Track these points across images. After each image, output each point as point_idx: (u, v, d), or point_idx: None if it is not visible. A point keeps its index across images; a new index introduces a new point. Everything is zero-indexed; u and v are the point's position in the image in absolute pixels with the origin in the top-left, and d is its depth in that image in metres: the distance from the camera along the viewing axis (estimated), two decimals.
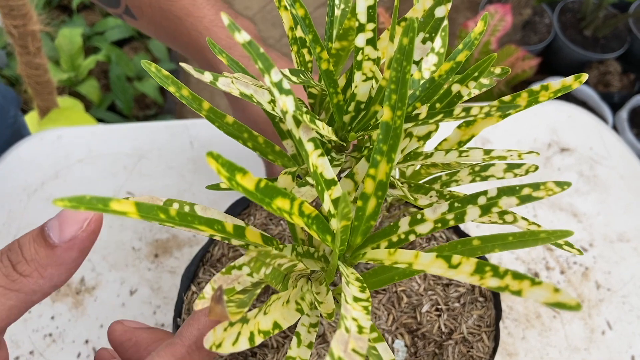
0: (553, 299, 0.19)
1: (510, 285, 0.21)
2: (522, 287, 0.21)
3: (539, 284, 0.20)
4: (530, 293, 0.20)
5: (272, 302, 0.26)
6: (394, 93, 0.25)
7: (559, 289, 0.20)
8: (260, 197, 0.23)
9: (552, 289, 0.20)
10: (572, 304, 0.19)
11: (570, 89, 0.33)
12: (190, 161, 0.78)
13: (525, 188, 0.26)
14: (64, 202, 0.21)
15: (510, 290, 0.21)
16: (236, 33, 0.22)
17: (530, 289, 0.20)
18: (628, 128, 1.79)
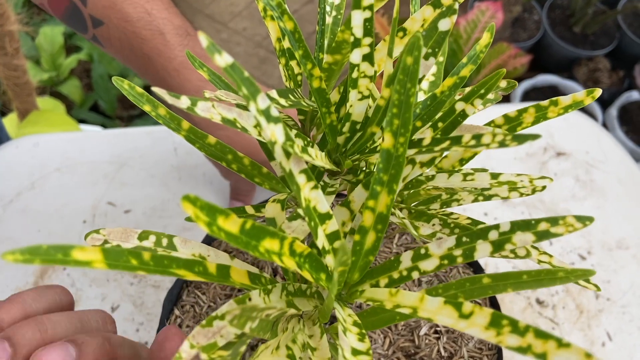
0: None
1: (533, 346, 0.18)
2: (547, 350, 0.18)
3: (566, 347, 0.17)
4: (557, 357, 0.18)
5: (259, 353, 0.23)
6: (396, 118, 0.23)
7: (591, 355, 0.17)
8: (245, 241, 0.20)
9: (584, 354, 0.17)
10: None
11: (582, 105, 0.30)
12: (174, 169, 0.75)
13: (542, 223, 0.23)
14: (15, 256, 0.18)
15: (533, 352, 0.18)
16: (216, 55, 0.19)
17: (556, 352, 0.18)
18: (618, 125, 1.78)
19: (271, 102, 0.20)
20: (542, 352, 0.18)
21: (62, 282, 0.66)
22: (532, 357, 0.18)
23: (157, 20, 0.55)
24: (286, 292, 0.26)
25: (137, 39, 0.55)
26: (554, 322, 0.66)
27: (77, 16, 0.57)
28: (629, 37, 1.89)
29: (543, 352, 0.18)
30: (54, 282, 0.66)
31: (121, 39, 0.56)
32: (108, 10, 0.55)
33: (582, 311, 0.66)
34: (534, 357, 0.18)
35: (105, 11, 0.55)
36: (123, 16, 0.55)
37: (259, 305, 0.20)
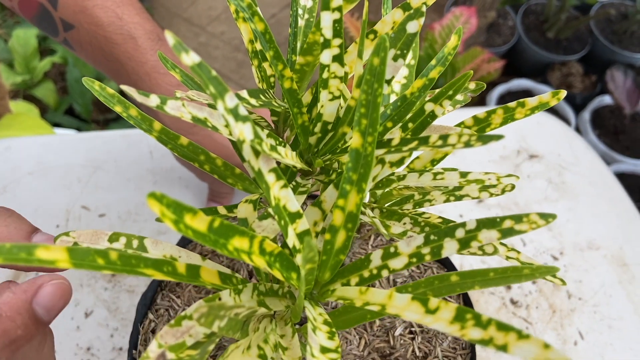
0: (542, 357, 0.17)
1: (494, 338, 0.19)
2: (508, 341, 0.18)
3: (526, 338, 0.18)
4: (517, 349, 0.18)
5: (229, 352, 0.23)
6: (364, 117, 0.23)
7: (549, 345, 0.17)
8: (214, 239, 0.20)
9: (542, 344, 0.17)
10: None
11: (548, 106, 0.31)
12: (149, 172, 0.74)
13: (506, 220, 0.23)
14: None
15: (494, 344, 0.18)
16: (183, 54, 0.19)
17: (516, 343, 0.18)
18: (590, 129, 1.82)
19: (240, 102, 0.21)
20: (503, 344, 0.18)
21: None
22: (494, 349, 0.18)
23: (128, 25, 0.54)
24: (257, 292, 0.26)
25: (108, 43, 0.54)
26: (528, 322, 0.67)
27: (47, 20, 0.56)
28: (601, 42, 1.93)
29: (504, 343, 0.18)
30: None
31: (92, 43, 0.56)
32: (79, 15, 0.55)
33: (554, 311, 0.68)
34: (495, 349, 0.18)
35: (76, 15, 0.55)
36: (94, 20, 0.54)
37: (227, 303, 0.20)
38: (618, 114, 1.84)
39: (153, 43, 0.55)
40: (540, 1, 2.03)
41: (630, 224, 0.75)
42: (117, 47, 0.54)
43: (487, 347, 0.19)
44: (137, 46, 0.54)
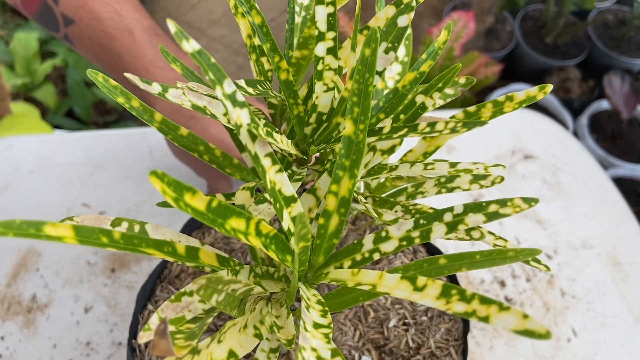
0: (522, 326, 0.18)
1: (477, 311, 0.20)
2: (490, 313, 0.19)
3: (507, 310, 0.19)
4: (498, 319, 0.19)
5: (227, 329, 0.24)
6: (356, 106, 0.24)
7: (527, 316, 0.18)
8: (212, 218, 0.21)
9: (521, 315, 0.18)
10: (542, 332, 0.18)
11: (535, 100, 0.32)
12: (149, 171, 0.75)
13: (492, 205, 0.24)
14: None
15: (477, 316, 0.20)
16: (184, 42, 0.20)
17: (497, 314, 0.19)
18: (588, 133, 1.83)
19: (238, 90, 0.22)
20: (485, 315, 0.19)
21: (35, 284, 0.66)
22: (477, 320, 0.19)
23: (126, 20, 0.56)
24: (254, 274, 0.27)
25: (106, 37, 0.56)
26: None
27: (49, 15, 0.57)
28: (599, 48, 1.95)
29: (486, 315, 0.19)
30: (26, 283, 0.66)
31: (91, 37, 0.57)
32: (79, 10, 0.56)
33: (548, 308, 0.69)
34: (478, 320, 0.19)
35: (77, 10, 0.56)
36: (93, 15, 0.56)
37: (224, 277, 0.21)
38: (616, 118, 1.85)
39: (150, 37, 0.56)
40: (538, 7, 2.04)
41: (624, 224, 0.76)
42: (116, 41, 0.56)
43: (470, 318, 0.20)
44: (134, 40, 0.56)
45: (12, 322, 0.63)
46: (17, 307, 0.65)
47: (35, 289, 0.66)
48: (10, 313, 0.64)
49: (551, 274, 0.71)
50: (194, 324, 0.22)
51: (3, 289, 0.66)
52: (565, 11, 1.86)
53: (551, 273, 0.71)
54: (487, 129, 0.84)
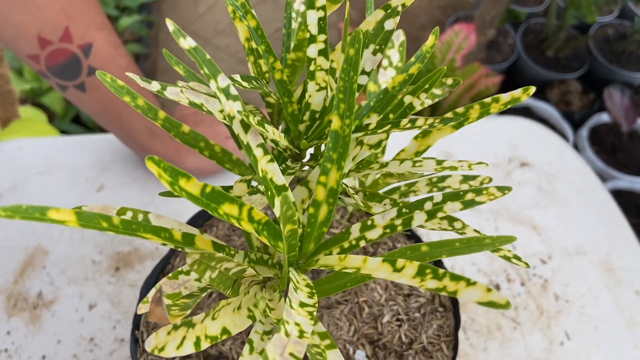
0: (485, 298, 0.20)
1: (447, 286, 0.21)
2: (458, 288, 0.21)
3: (473, 285, 0.21)
4: (465, 293, 0.21)
5: (220, 307, 0.26)
6: (342, 102, 0.26)
7: (491, 289, 0.20)
8: (205, 203, 0.23)
9: (485, 289, 0.20)
10: (502, 303, 0.19)
11: (519, 101, 0.34)
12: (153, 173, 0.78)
13: (468, 193, 0.26)
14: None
15: (447, 291, 0.21)
16: (181, 39, 0.22)
17: (465, 289, 0.21)
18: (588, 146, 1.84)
19: (233, 84, 0.24)
20: (454, 290, 0.21)
21: (41, 281, 0.68)
22: (447, 294, 0.21)
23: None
24: (248, 259, 0.29)
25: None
26: (516, 322, 0.69)
27: (74, 67, 0.63)
28: (600, 61, 1.97)
29: (455, 290, 0.21)
30: (33, 280, 0.68)
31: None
32: (106, 62, 0.64)
33: (542, 312, 0.70)
34: (448, 294, 0.21)
35: (104, 62, 0.64)
36: (124, 65, 0.65)
37: (216, 254, 0.22)
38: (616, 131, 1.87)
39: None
40: (539, 20, 2.07)
41: (617, 231, 0.77)
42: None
43: (441, 293, 0.22)
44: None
45: (18, 317, 0.65)
46: (24, 304, 0.67)
47: (41, 286, 0.68)
48: (17, 309, 0.66)
49: (545, 279, 0.72)
50: (189, 299, 0.24)
51: (10, 285, 0.68)
52: (566, 25, 1.88)
53: (545, 278, 0.72)
54: (484, 136, 0.85)
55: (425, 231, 0.70)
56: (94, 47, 0.62)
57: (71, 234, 0.72)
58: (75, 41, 0.61)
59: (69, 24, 0.61)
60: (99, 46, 0.63)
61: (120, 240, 0.71)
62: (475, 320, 0.69)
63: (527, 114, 1.85)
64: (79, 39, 0.62)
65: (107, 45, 0.64)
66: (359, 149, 0.31)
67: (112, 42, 0.65)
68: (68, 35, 0.61)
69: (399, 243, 0.54)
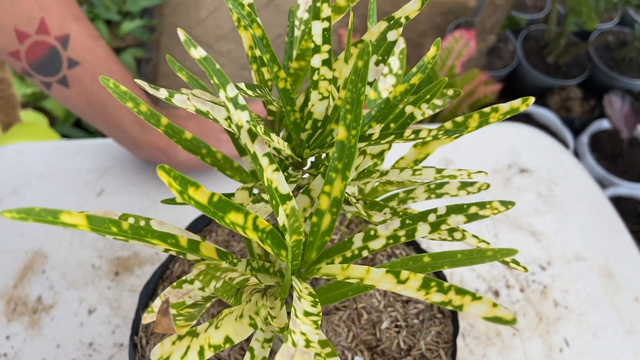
0: (491, 314, 0.20)
1: (453, 300, 0.22)
2: (464, 302, 0.21)
3: (479, 299, 0.21)
4: (471, 308, 0.21)
5: (224, 316, 0.26)
6: (349, 113, 0.26)
7: (497, 304, 0.20)
8: (213, 211, 0.23)
9: (491, 303, 0.20)
10: (508, 318, 0.19)
11: (518, 112, 0.34)
12: (154, 178, 0.78)
13: (472, 207, 0.26)
14: (12, 213, 0.21)
15: (453, 305, 0.21)
16: (192, 49, 0.22)
17: (471, 303, 0.21)
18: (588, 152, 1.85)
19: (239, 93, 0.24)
20: (460, 304, 0.21)
21: (40, 285, 0.68)
22: (452, 308, 0.21)
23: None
24: (250, 267, 0.29)
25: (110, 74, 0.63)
26: (515, 329, 0.69)
27: (53, 60, 0.63)
28: (600, 68, 1.97)
29: (461, 304, 0.21)
30: (33, 285, 0.68)
31: (94, 76, 0.62)
32: (86, 53, 0.63)
33: (541, 318, 0.70)
34: (453, 308, 0.21)
35: (83, 54, 0.63)
36: (101, 56, 0.64)
37: (222, 264, 0.23)
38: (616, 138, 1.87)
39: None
40: (540, 27, 2.08)
41: (616, 237, 0.77)
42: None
43: (446, 307, 0.22)
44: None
45: (18, 322, 0.65)
46: (23, 308, 0.67)
47: (41, 290, 0.68)
48: (16, 313, 0.66)
49: (544, 285, 0.72)
50: (193, 309, 0.24)
51: (10, 289, 0.68)
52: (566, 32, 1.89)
53: (544, 284, 0.72)
54: (484, 143, 0.86)
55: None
56: (72, 38, 0.62)
57: (71, 238, 0.72)
58: (52, 33, 0.61)
59: (44, 15, 0.61)
60: (76, 37, 0.63)
61: (120, 245, 0.71)
62: (475, 326, 0.69)
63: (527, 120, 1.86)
64: (55, 30, 0.62)
65: (85, 37, 0.64)
66: (362, 159, 0.31)
67: (90, 34, 0.65)
68: (44, 27, 0.61)
69: (397, 249, 0.54)
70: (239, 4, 0.28)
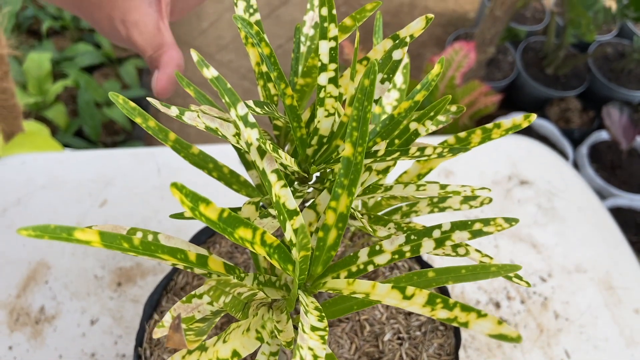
0: (496, 331, 0.21)
1: (458, 317, 0.22)
2: (469, 319, 0.22)
3: (484, 317, 0.21)
4: (476, 325, 0.21)
5: (231, 330, 0.27)
6: (355, 130, 0.27)
7: (502, 322, 0.21)
8: (222, 227, 0.24)
9: (496, 321, 0.21)
10: (514, 336, 0.20)
11: (520, 128, 0.35)
12: (156, 189, 0.78)
13: (476, 223, 0.27)
14: (28, 231, 0.21)
15: (458, 322, 0.22)
16: (205, 69, 0.23)
17: (476, 321, 0.21)
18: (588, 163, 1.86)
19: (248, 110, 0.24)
20: (465, 321, 0.22)
21: (43, 296, 0.68)
22: (458, 325, 0.22)
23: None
24: (257, 281, 0.29)
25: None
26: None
27: None
28: (599, 79, 1.98)
29: (466, 321, 0.22)
30: (35, 295, 0.68)
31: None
32: None
33: (542, 330, 0.70)
34: (459, 325, 0.22)
35: None
36: None
37: (231, 280, 0.23)
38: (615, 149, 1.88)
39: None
40: (539, 38, 2.09)
41: (616, 249, 0.78)
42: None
43: (452, 324, 0.22)
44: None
45: (21, 332, 0.65)
46: (26, 318, 0.67)
47: (43, 300, 0.68)
48: (19, 324, 0.66)
49: (545, 297, 0.73)
50: (202, 323, 0.24)
51: (13, 300, 0.68)
52: (565, 43, 1.90)
53: (545, 296, 0.73)
54: (485, 155, 0.86)
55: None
56: None
57: (74, 249, 0.72)
58: None
59: None
60: None
61: (122, 256, 0.71)
62: (476, 338, 0.69)
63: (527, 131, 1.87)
64: None
65: None
66: (368, 175, 0.31)
67: None
68: None
69: (399, 262, 0.55)
70: (247, 24, 0.28)
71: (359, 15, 0.32)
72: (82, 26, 1.91)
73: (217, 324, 0.47)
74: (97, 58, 1.82)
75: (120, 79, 1.87)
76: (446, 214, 0.76)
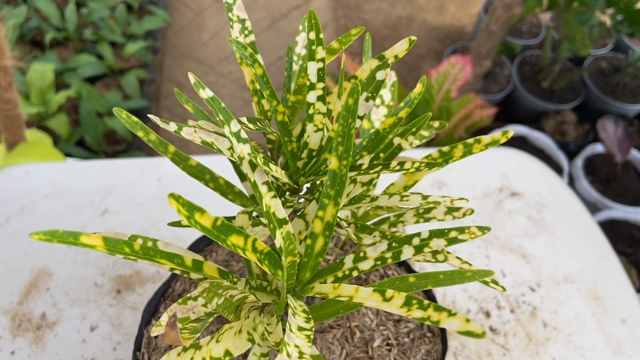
0: (464, 328, 0.23)
1: (431, 316, 0.24)
2: (441, 318, 0.24)
3: (454, 315, 0.23)
4: (447, 323, 0.23)
5: (224, 331, 0.28)
6: (340, 145, 0.29)
7: (469, 320, 0.23)
8: (216, 234, 0.26)
9: (464, 319, 0.23)
10: (479, 332, 0.22)
11: (498, 143, 0.37)
12: (156, 198, 0.80)
13: (452, 231, 0.29)
14: (39, 235, 0.23)
15: (431, 320, 0.24)
16: (201, 90, 0.25)
17: (447, 319, 0.23)
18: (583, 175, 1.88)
19: (241, 127, 0.26)
20: (437, 320, 0.24)
21: (45, 302, 0.70)
22: (430, 323, 0.24)
23: None
24: (249, 286, 0.31)
25: None
26: (505, 349, 0.71)
27: None
28: (594, 93, 2.01)
29: (438, 319, 0.24)
30: (37, 302, 0.70)
31: None
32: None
33: (531, 339, 0.72)
34: (431, 323, 0.24)
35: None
36: None
37: (224, 282, 0.25)
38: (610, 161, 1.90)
39: None
40: (535, 52, 2.12)
41: (604, 260, 0.80)
42: None
43: (426, 322, 0.24)
44: None
45: (22, 338, 0.67)
46: (28, 324, 0.69)
47: (45, 307, 0.70)
48: (21, 330, 0.68)
49: (534, 306, 0.74)
50: (196, 323, 0.26)
51: (15, 306, 0.70)
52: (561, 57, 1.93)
53: (534, 305, 0.74)
54: (476, 167, 0.89)
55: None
56: None
57: (75, 257, 0.74)
58: None
59: None
60: None
61: (122, 264, 0.73)
62: (466, 346, 0.71)
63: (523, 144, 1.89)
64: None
65: None
66: (353, 186, 0.33)
67: None
68: None
69: (390, 270, 0.57)
70: (242, 46, 0.31)
71: (345, 39, 0.34)
72: (84, 37, 1.94)
73: (212, 329, 0.49)
74: (99, 69, 1.85)
75: (121, 89, 1.89)
76: (433, 224, 0.78)
